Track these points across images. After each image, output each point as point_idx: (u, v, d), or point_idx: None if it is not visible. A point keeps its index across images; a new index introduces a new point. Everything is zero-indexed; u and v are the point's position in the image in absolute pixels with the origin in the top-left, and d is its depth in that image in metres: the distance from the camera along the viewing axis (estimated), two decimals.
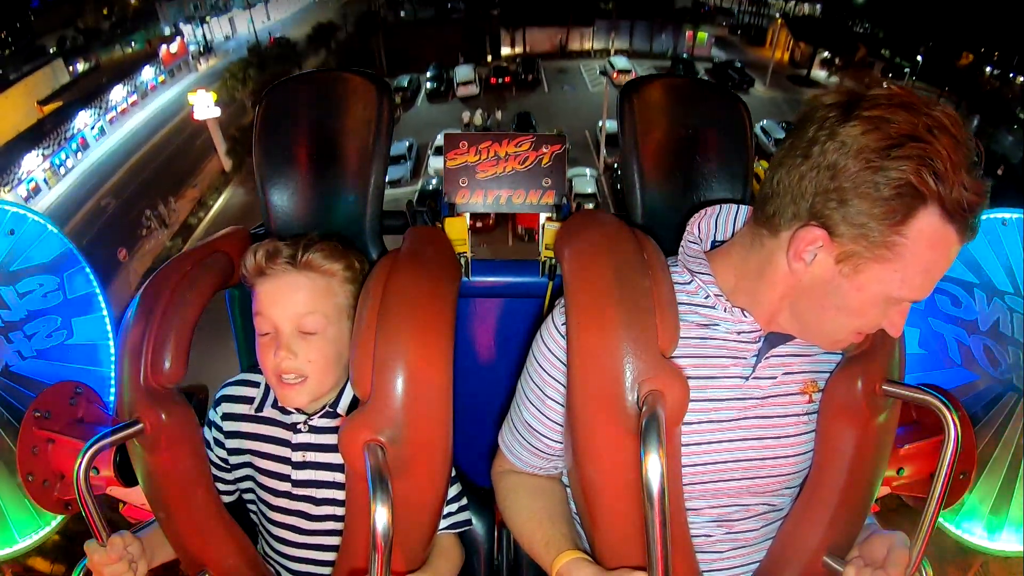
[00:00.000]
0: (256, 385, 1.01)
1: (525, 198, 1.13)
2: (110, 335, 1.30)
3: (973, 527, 1.18)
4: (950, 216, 0.66)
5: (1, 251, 1.23)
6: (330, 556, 0.97)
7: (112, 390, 1.27)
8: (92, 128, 21.52)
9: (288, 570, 1.01)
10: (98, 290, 1.30)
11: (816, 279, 0.73)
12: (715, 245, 0.89)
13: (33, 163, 18.59)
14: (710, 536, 0.87)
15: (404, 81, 23.00)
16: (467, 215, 1.13)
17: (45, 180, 18.84)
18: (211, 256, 0.97)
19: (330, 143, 1.09)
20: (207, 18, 31.34)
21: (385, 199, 1.11)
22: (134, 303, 0.92)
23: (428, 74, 23.81)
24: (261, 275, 0.91)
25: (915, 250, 0.67)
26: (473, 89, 22.83)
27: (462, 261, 1.09)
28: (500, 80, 23.59)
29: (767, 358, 0.82)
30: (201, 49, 29.75)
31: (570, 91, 23.72)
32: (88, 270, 1.30)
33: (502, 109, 21.54)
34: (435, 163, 17.44)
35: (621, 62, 24.17)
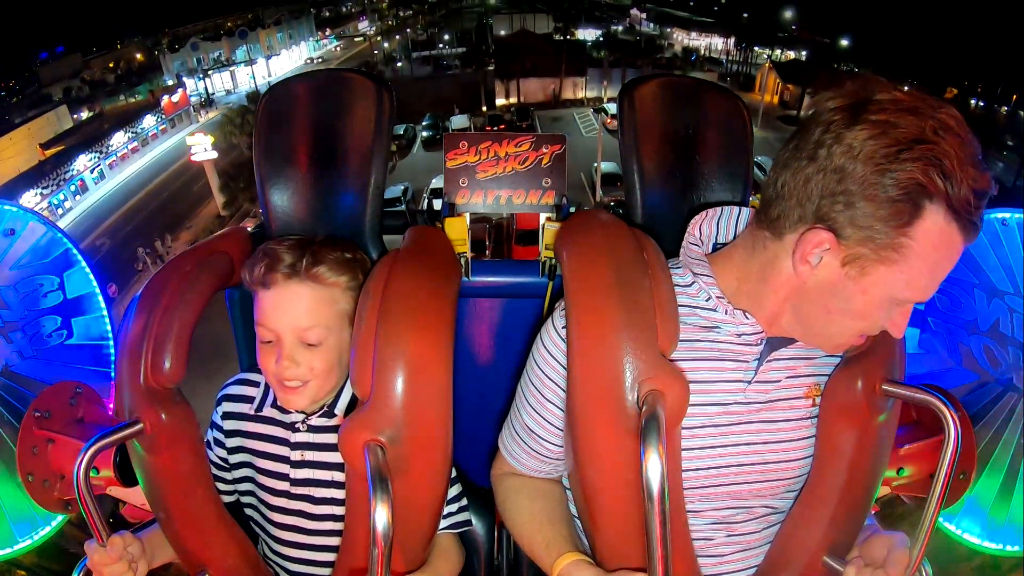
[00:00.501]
0: (256, 385, 1.01)
1: (525, 198, 1.13)
2: (110, 335, 1.30)
3: (973, 527, 1.17)
4: (956, 214, 0.66)
5: (1, 251, 1.23)
6: (330, 556, 0.97)
7: (112, 390, 1.27)
8: (92, 172, 21.86)
9: (287, 571, 1.01)
10: (98, 290, 1.30)
11: (821, 282, 0.73)
12: (717, 248, 0.88)
13: (30, 202, 18.69)
14: (711, 539, 0.87)
15: (400, 129, 23.53)
16: (467, 215, 1.13)
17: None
18: (211, 256, 0.97)
19: (330, 143, 1.09)
20: (210, 72, 31.88)
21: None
22: (134, 303, 0.92)
23: (424, 123, 24.54)
24: (262, 285, 0.90)
25: (921, 251, 0.67)
26: None
27: (462, 261, 1.09)
28: (495, 128, 24.14)
29: (768, 361, 0.82)
30: (203, 101, 30.24)
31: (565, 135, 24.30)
32: (88, 270, 1.30)
33: None
34: (433, 205, 17.70)
35: (614, 108, 24.42)
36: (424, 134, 23.68)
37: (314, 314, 0.90)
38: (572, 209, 1.12)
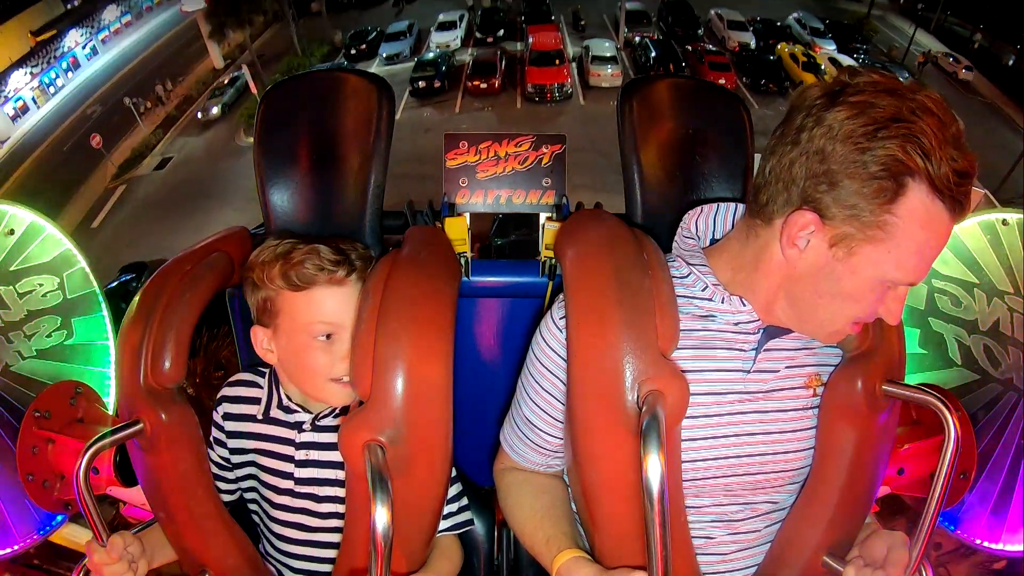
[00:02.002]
0: (258, 386, 1.01)
1: (525, 198, 1.13)
2: (110, 335, 1.30)
3: (973, 527, 1.17)
4: (939, 192, 0.66)
5: (1, 251, 1.23)
6: (332, 554, 0.97)
7: (112, 390, 1.27)
8: (83, 48, 20.73)
9: (290, 568, 1.01)
10: (98, 290, 1.30)
11: (810, 265, 0.73)
12: (713, 243, 0.89)
13: (21, 81, 18.03)
14: (712, 537, 0.87)
15: None
16: (467, 215, 1.13)
17: (34, 99, 18.30)
18: (211, 256, 0.97)
19: (330, 143, 1.09)
20: None
21: (385, 75, 1.11)
22: (134, 303, 0.92)
23: None
24: (330, 284, 0.91)
25: (907, 229, 0.67)
26: None
27: (462, 261, 1.09)
28: None
29: (766, 350, 0.82)
30: None
31: None
32: (88, 270, 1.30)
33: None
34: (436, 38, 17.94)
35: None
36: None
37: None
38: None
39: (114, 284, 7.93)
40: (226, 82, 17.72)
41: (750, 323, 0.82)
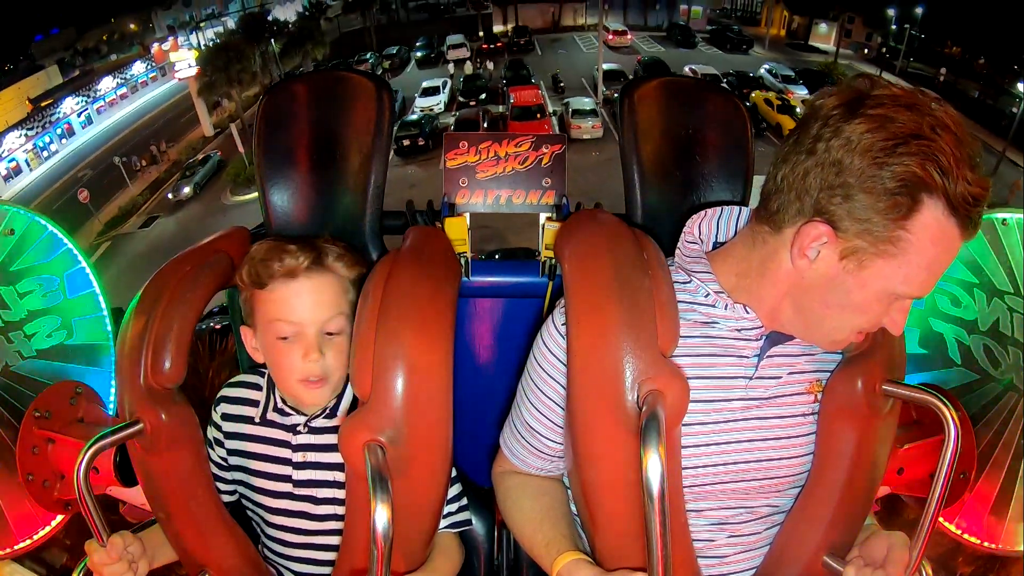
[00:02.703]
0: (257, 388, 1.01)
1: (525, 198, 1.13)
2: (110, 335, 1.30)
3: (973, 527, 1.17)
4: (954, 210, 0.66)
5: (1, 251, 1.23)
6: (331, 555, 0.97)
7: (112, 390, 1.27)
8: (79, 116, 21.22)
9: (290, 570, 1.01)
10: (98, 290, 1.30)
11: (820, 276, 0.73)
12: (716, 247, 0.88)
13: (15, 143, 18.35)
14: (713, 540, 0.87)
15: (393, 50, 24.27)
16: (467, 215, 1.13)
17: (27, 161, 18.72)
18: (211, 256, 0.97)
19: (330, 143, 1.09)
20: (202, 24, 31.12)
21: None
22: (134, 303, 0.92)
23: (418, 43, 24.90)
24: (286, 278, 0.91)
25: (919, 246, 0.67)
26: (464, 53, 23.69)
27: (462, 261, 1.09)
28: (492, 46, 24.20)
29: (768, 357, 0.82)
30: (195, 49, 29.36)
31: (563, 52, 24.53)
32: (88, 270, 1.30)
33: (494, 63, 22.38)
34: (420, 103, 19.18)
35: (616, 24, 24.88)
36: (418, 54, 25.18)
37: (334, 303, 0.93)
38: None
39: None
40: (199, 160, 17.98)
41: (753, 330, 0.81)
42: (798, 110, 16.44)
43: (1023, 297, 1.16)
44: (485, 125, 16.83)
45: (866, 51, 23.70)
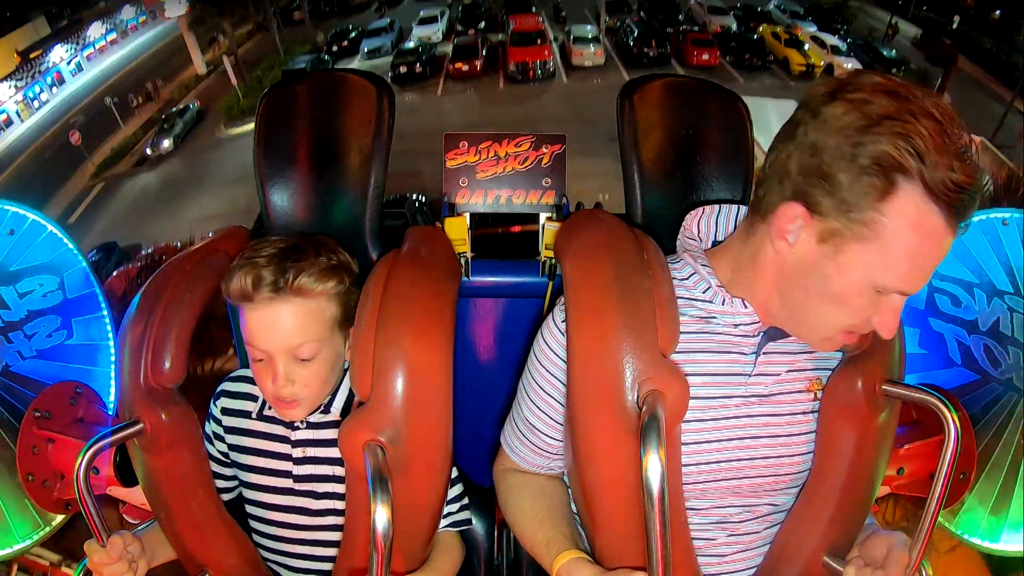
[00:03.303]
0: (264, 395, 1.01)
1: (525, 198, 1.13)
2: (110, 335, 1.30)
3: (973, 527, 1.17)
4: (934, 196, 0.64)
5: (1, 251, 1.23)
6: (329, 552, 0.97)
7: (112, 390, 1.27)
8: (68, 64, 20.75)
9: (288, 567, 1.01)
10: (98, 290, 1.30)
11: (799, 260, 0.73)
12: (716, 245, 0.89)
13: (5, 95, 18.07)
14: (713, 539, 0.87)
15: None
16: (467, 215, 1.13)
17: (17, 112, 18.40)
18: (211, 256, 0.97)
19: (330, 143, 1.09)
20: None
21: (368, 68, 1.10)
22: (134, 303, 0.92)
23: None
24: (246, 302, 0.86)
25: (895, 230, 0.66)
26: None
27: (462, 261, 1.09)
28: None
29: (766, 353, 0.82)
30: None
31: None
32: (88, 270, 1.30)
33: None
34: (418, 32, 18.20)
35: None
36: None
37: (304, 330, 0.87)
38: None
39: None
40: (175, 112, 16.88)
41: (750, 325, 0.81)
42: (806, 46, 16.16)
43: (1023, 297, 1.16)
44: (484, 52, 16.22)
45: None
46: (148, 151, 15.55)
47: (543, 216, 1.13)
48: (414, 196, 7.97)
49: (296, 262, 0.87)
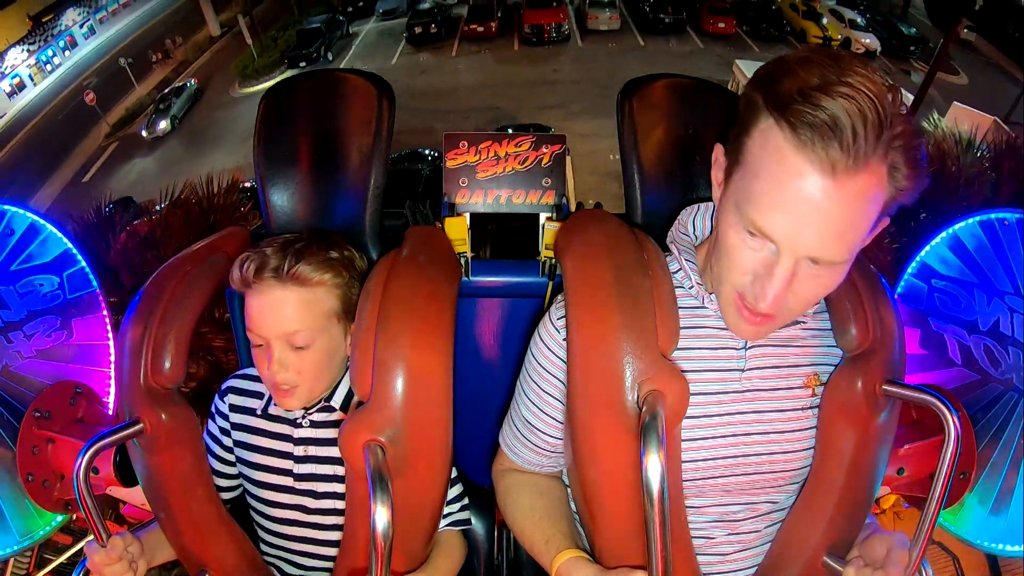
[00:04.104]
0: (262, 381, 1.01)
1: (525, 198, 1.13)
2: (110, 335, 1.30)
3: (973, 527, 1.17)
4: (779, 112, 0.63)
5: (1, 251, 1.23)
6: (330, 551, 0.97)
7: (112, 390, 1.27)
8: (81, 27, 20.73)
9: (290, 562, 1.01)
10: (98, 290, 1.30)
11: (717, 211, 0.75)
12: None
13: (18, 59, 18.09)
14: (712, 538, 0.87)
15: None
16: (467, 215, 1.13)
17: (30, 76, 18.43)
18: (211, 256, 0.97)
19: (330, 143, 1.09)
20: None
21: (382, 29, 1.10)
22: (134, 303, 0.92)
23: None
24: (248, 288, 0.90)
25: (752, 150, 0.67)
26: None
27: (462, 261, 1.09)
28: None
29: (752, 347, 0.82)
30: None
31: None
32: (88, 270, 1.30)
33: None
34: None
35: None
36: None
37: (300, 318, 0.90)
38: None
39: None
40: (171, 91, 16.07)
41: None
42: (824, 20, 16.13)
43: (1023, 297, 1.16)
44: (499, 14, 16.35)
45: None
46: (144, 132, 14.66)
47: (543, 216, 1.13)
48: (426, 151, 8.24)
49: (299, 252, 0.90)
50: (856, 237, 0.66)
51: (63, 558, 1.50)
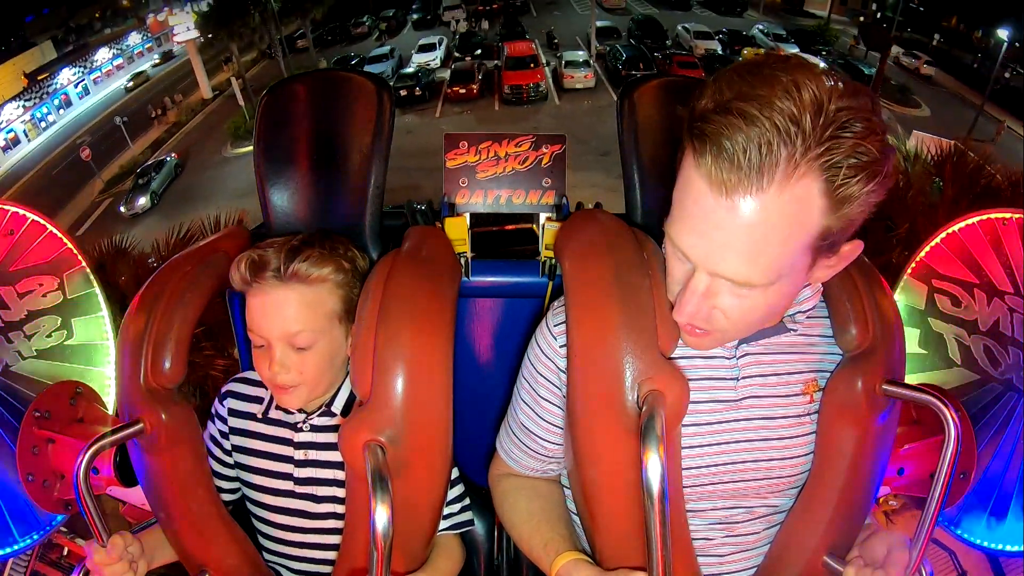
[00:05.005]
0: (263, 385, 1.01)
1: (525, 198, 1.13)
2: (110, 335, 1.30)
3: (973, 527, 1.17)
4: (690, 133, 0.62)
5: (1, 251, 1.23)
6: (330, 555, 0.97)
7: (112, 390, 1.27)
8: (76, 86, 21.34)
9: (289, 569, 1.01)
10: (98, 290, 1.30)
11: None
12: None
13: (13, 114, 18.49)
14: (711, 539, 0.87)
15: (390, 12, 25.31)
16: (467, 215, 1.13)
17: (25, 132, 18.85)
18: (211, 256, 0.97)
19: (330, 143, 1.09)
20: None
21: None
22: (134, 303, 0.92)
23: (415, 5, 26.11)
24: (249, 287, 0.90)
25: (681, 165, 0.67)
26: (460, 15, 24.65)
27: (462, 261, 1.09)
28: (488, 7, 25.43)
29: (745, 355, 0.82)
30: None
31: (558, 14, 25.76)
32: (88, 270, 1.30)
33: (489, 23, 23.50)
34: (417, 59, 19.61)
35: None
36: (415, 16, 26.19)
37: (302, 318, 0.89)
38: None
39: None
40: (151, 166, 15.60)
41: None
42: None
43: (1023, 297, 1.16)
44: (480, 76, 17.25)
45: (862, 19, 23.82)
46: (122, 209, 13.94)
47: (543, 216, 1.13)
48: (415, 204, 8.26)
49: (300, 251, 0.90)
50: (773, 261, 0.63)
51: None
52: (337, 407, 0.97)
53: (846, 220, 0.63)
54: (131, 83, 23.11)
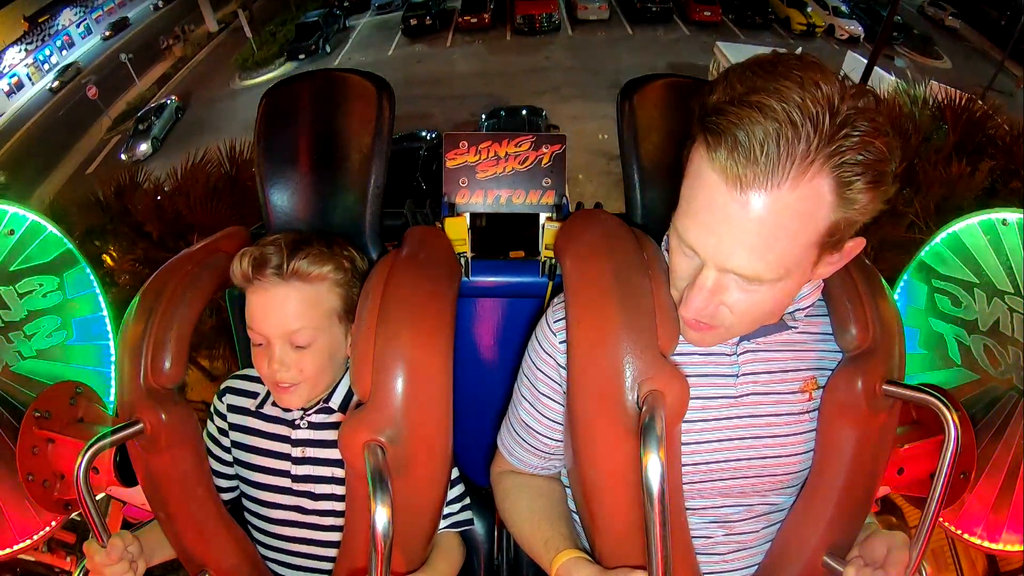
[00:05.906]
0: (260, 381, 1.01)
1: (525, 198, 1.13)
2: (110, 335, 1.30)
3: (973, 527, 1.17)
4: (702, 126, 0.63)
5: (1, 251, 1.23)
6: (328, 552, 0.97)
7: (112, 390, 1.27)
8: (78, 26, 21.06)
9: (288, 565, 1.01)
10: (98, 290, 1.30)
11: None
12: None
13: (14, 59, 18.36)
14: (710, 538, 0.87)
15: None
16: (467, 215, 1.13)
17: (28, 75, 18.69)
18: (211, 256, 0.97)
19: (330, 143, 1.09)
20: None
21: (378, 23, 1.10)
22: (134, 303, 0.92)
23: None
24: (249, 284, 0.90)
25: (690, 158, 0.67)
26: None
27: (462, 261, 1.09)
28: None
29: (745, 352, 0.82)
30: None
31: None
32: (88, 270, 1.30)
33: None
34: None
35: None
36: None
37: (302, 316, 0.90)
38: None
39: None
40: (150, 110, 15.00)
41: None
42: (808, 8, 16.43)
43: (1023, 297, 1.16)
44: (492, 5, 16.90)
45: None
46: (123, 156, 13.36)
47: (543, 216, 1.13)
48: (423, 132, 8.69)
49: (301, 248, 0.91)
50: (782, 256, 0.64)
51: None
52: (335, 402, 0.97)
53: (853, 217, 0.64)
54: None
